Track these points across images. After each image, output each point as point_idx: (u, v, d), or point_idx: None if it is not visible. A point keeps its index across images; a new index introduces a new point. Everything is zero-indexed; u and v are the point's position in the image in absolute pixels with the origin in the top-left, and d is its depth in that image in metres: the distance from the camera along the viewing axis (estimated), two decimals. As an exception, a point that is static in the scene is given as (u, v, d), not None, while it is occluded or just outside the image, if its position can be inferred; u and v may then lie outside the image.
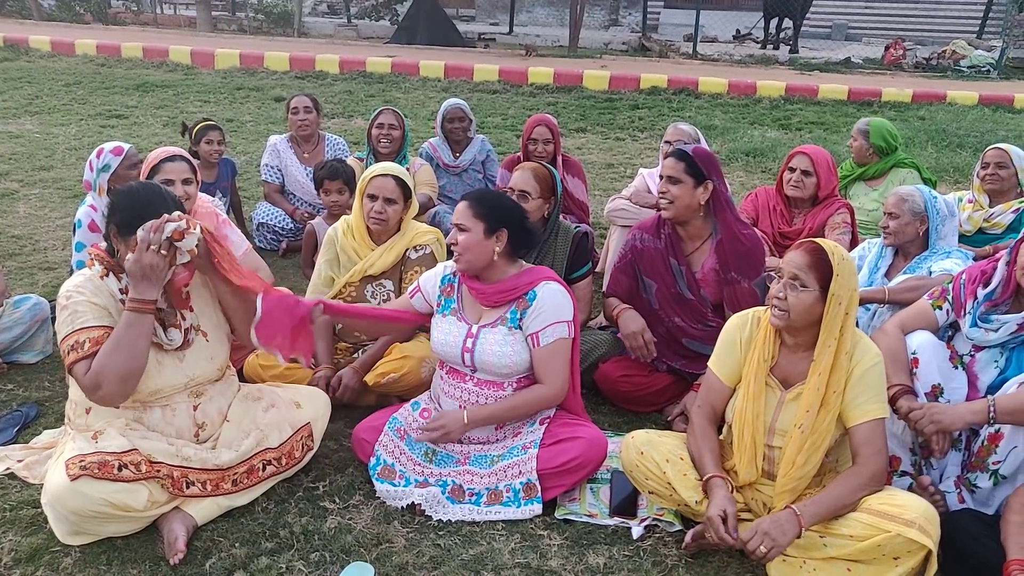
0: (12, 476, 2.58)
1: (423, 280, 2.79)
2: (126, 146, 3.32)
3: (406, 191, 3.11)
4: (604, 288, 3.37)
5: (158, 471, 2.27)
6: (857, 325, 3.09)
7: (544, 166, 3.34)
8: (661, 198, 2.98)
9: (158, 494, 2.28)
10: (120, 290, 2.31)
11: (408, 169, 4.71)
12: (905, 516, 2.09)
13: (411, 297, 2.80)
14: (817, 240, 2.28)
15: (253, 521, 2.43)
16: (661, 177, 3.00)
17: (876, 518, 2.12)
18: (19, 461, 2.63)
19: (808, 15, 14.47)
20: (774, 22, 14.58)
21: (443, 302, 2.72)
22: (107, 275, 2.32)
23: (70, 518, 2.19)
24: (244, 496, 2.47)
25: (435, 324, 2.72)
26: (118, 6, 16.85)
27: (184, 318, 2.39)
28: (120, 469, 2.19)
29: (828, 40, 16.08)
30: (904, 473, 2.52)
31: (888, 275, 3.27)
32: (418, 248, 3.15)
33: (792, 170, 3.82)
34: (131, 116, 8.15)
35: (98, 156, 3.28)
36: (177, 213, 2.25)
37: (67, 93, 9.04)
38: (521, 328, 2.60)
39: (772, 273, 2.35)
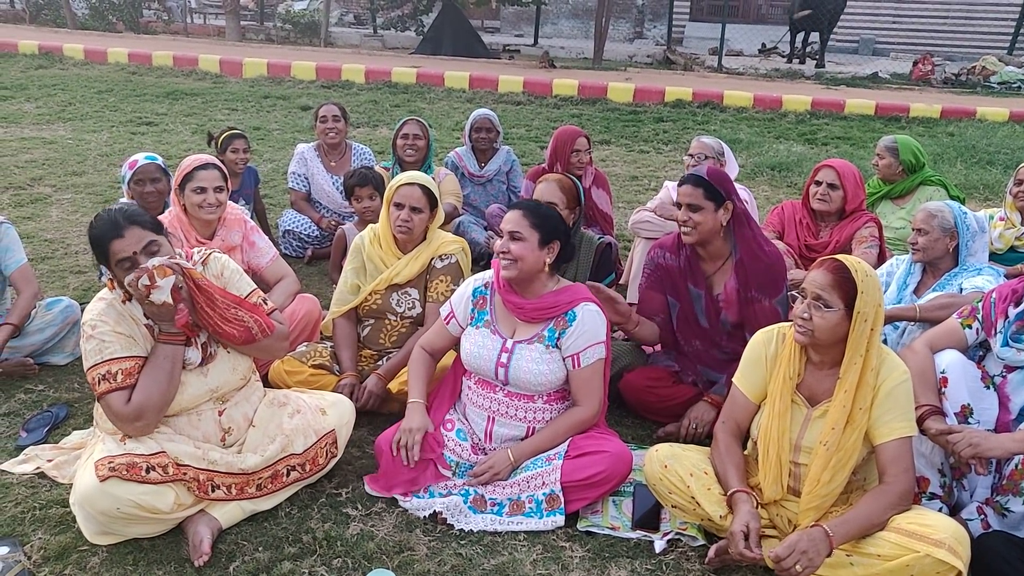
0: (42, 475, 2.62)
1: (454, 302, 2.79)
2: (142, 161, 3.36)
3: (432, 200, 3.12)
4: (636, 307, 3.35)
5: (184, 474, 2.30)
6: (885, 343, 3.09)
7: (568, 177, 3.35)
8: (683, 226, 2.96)
9: (184, 496, 2.30)
10: (144, 314, 2.34)
11: (433, 178, 4.74)
12: (935, 536, 2.06)
13: (446, 324, 2.80)
14: (840, 257, 2.26)
15: (277, 526, 2.45)
16: (679, 205, 2.98)
17: (905, 538, 2.10)
18: (49, 461, 2.67)
19: (835, 29, 14.40)
20: (800, 36, 14.51)
21: (476, 314, 2.72)
22: (128, 300, 2.34)
23: (98, 518, 2.21)
24: (268, 501, 2.49)
25: (467, 336, 2.72)
26: (149, 15, 17.13)
27: (199, 335, 2.42)
28: (148, 471, 2.22)
29: (855, 55, 16.00)
30: (933, 496, 2.48)
31: (917, 292, 3.23)
32: (443, 257, 3.16)
33: (818, 183, 3.80)
34: (161, 123, 8.28)
35: (131, 167, 3.35)
36: (153, 263, 2.20)
37: (99, 100, 9.19)
38: (559, 347, 2.60)
39: (795, 292, 2.33)
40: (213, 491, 2.36)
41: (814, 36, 14.39)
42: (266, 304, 2.56)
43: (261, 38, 16.34)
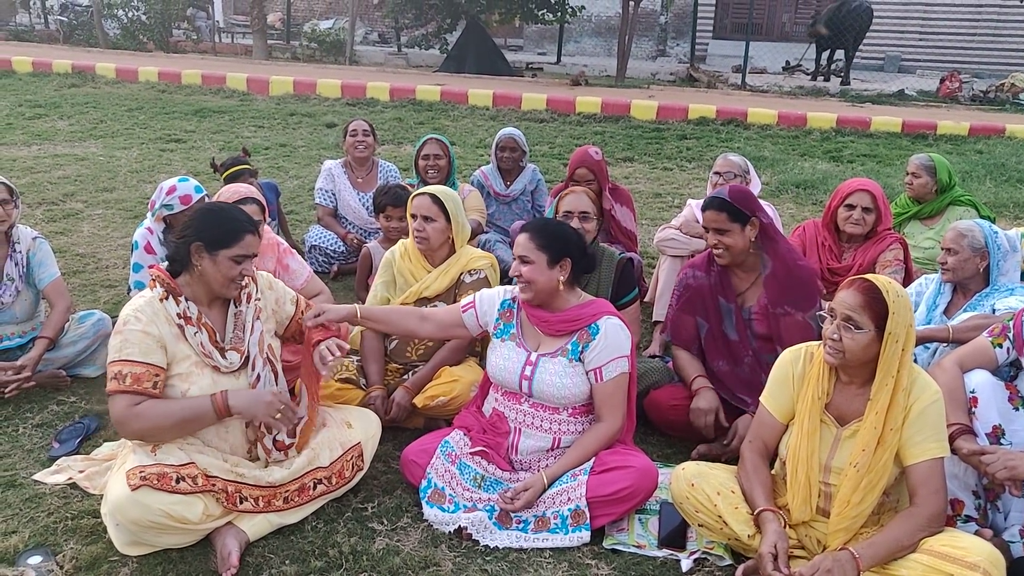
0: (74, 486, 2.66)
1: (481, 299, 2.78)
2: (195, 196, 3.40)
3: (444, 209, 3.14)
4: (661, 326, 3.34)
5: (213, 485, 2.33)
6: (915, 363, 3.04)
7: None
8: (714, 249, 2.97)
9: (213, 508, 2.32)
10: (178, 314, 2.38)
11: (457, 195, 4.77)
12: (968, 559, 2.02)
13: (463, 312, 2.80)
14: (870, 277, 2.23)
15: (303, 539, 2.46)
16: (707, 229, 2.98)
17: (937, 560, 2.06)
18: (80, 472, 2.71)
19: (860, 47, 14.34)
20: (825, 54, 14.47)
21: (502, 326, 2.74)
22: (167, 298, 2.39)
23: (129, 527, 2.24)
24: (295, 514, 2.50)
25: (493, 349, 2.74)
26: (178, 35, 17.46)
27: (245, 341, 2.49)
28: (178, 481, 2.25)
29: (881, 72, 15.93)
30: (969, 519, 2.43)
31: (947, 312, 3.19)
32: (472, 272, 3.19)
33: (851, 207, 3.70)
34: (189, 140, 8.42)
35: (169, 192, 3.36)
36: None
37: (130, 118, 9.37)
38: (582, 361, 2.61)
39: (823, 313, 2.31)
40: (241, 503, 2.38)
41: (839, 53, 14.34)
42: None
43: (287, 56, 16.59)
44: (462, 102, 10.86)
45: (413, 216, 3.16)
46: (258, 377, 2.49)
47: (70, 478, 2.68)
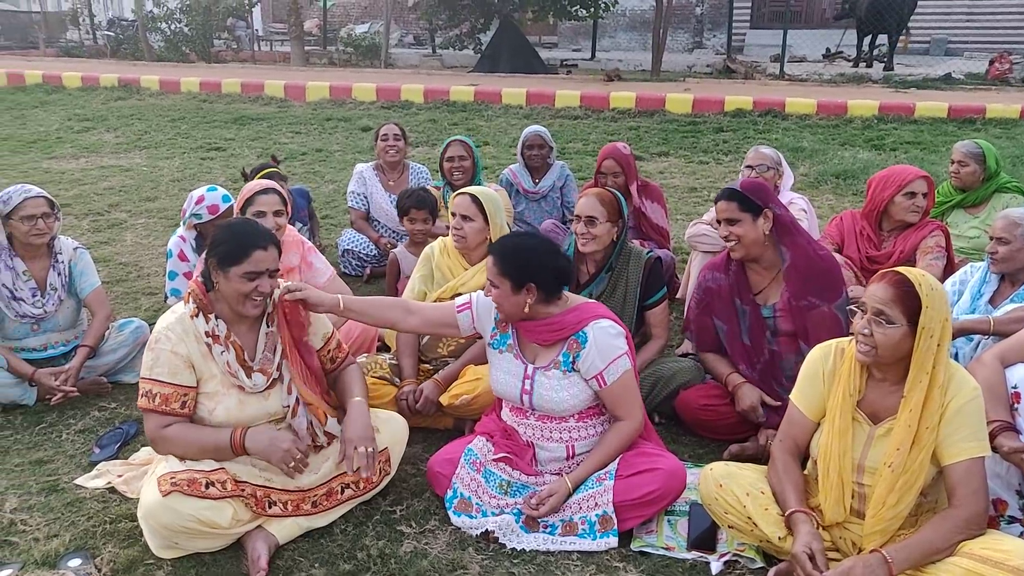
0: (112, 490, 2.73)
1: (479, 303, 2.72)
2: (223, 205, 3.46)
3: (483, 209, 3.19)
4: (686, 325, 3.30)
5: (242, 490, 2.37)
6: (957, 357, 2.95)
7: (609, 190, 3.34)
8: (727, 241, 2.93)
9: (242, 512, 2.36)
10: (206, 332, 2.42)
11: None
12: (1011, 563, 1.95)
13: (458, 311, 2.73)
14: (901, 270, 2.17)
15: (332, 542, 2.49)
16: (719, 222, 2.94)
17: (978, 563, 1.99)
18: (119, 476, 2.77)
19: (905, 30, 13.95)
20: (868, 39, 14.11)
21: (499, 336, 2.70)
22: (197, 315, 2.43)
23: (161, 532, 2.29)
24: (324, 518, 2.53)
25: (493, 362, 2.72)
26: (220, 45, 17.80)
27: (276, 365, 2.51)
28: (207, 486, 2.29)
29: (926, 56, 15.50)
30: (1013, 519, 2.35)
31: (993, 302, 3.08)
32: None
33: (912, 195, 3.56)
34: (228, 148, 8.58)
35: (197, 202, 3.44)
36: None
37: (172, 128, 9.59)
38: (576, 370, 2.56)
39: (854, 307, 2.25)
40: (270, 507, 2.42)
41: (882, 38, 13.97)
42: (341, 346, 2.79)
43: (324, 62, 16.80)
44: (496, 102, 10.87)
45: (453, 214, 3.23)
46: (297, 400, 2.51)
47: (109, 482, 2.75)
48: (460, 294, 3.15)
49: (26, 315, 3.30)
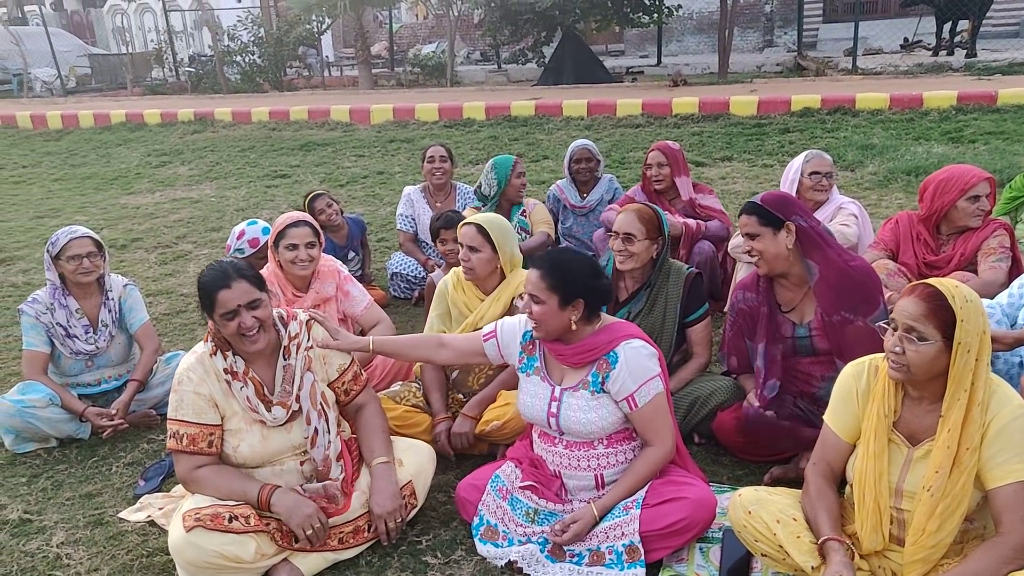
0: (153, 523, 2.81)
1: (503, 330, 2.70)
2: (262, 238, 3.55)
3: (490, 238, 3.10)
4: (723, 346, 3.18)
5: (267, 524, 2.39)
6: (1009, 375, 2.73)
7: (648, 206, 3.24)
8: (750, 256, 2.82)
9: (266, 546, 2.38)
10: (224, 369, 2.47)
11: (523, 212, 4.75)
12: (1062, 599, 1.78)
13: (484, 340, 2.70)
14: (932, 282, 2.02)
15: (357, 575, 2.49)
16: (743, 235, 2.85)
17: (1027, 599, 1.83)
18: (159, 509, 2.85)
19: (988, 13, 13.18)
20: (947, 25, 13.41)
21: (526, 360, 2.66)
22: (215, 353, 2.48)
23: (188, 568, 2.33)
24: (350, 551, 2.53)
25: (522, 385, 2.67)
26: (292, 73, 18.41)
27: (295, 397, 2.53)
28: (230, 520, 2.33)
29: (1014, 39, 14.60)
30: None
31: (1064, 310, 2.85)
32: (523, 296, 3.13)
33: (976, 198, 3.32)
34: (293, 175, 8.83)
35: (238, 237, 3.54)
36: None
37: (242, 158, 9.95)
38: (605, 391, 2.49)
39: (883, 324, 2.11)
40: (296, 541, 2.43)
41: (964, 23, 13.24)
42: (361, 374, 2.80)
43: (392, 83, 17.15)
44: (556, 115, 10.84)
45: (460, 245, 3.16)
46: (316, 431, 2.53)
47: (149, 515, 2.83)
48: (480, 327, 3.12)
49: (80, 352, 3.45)
